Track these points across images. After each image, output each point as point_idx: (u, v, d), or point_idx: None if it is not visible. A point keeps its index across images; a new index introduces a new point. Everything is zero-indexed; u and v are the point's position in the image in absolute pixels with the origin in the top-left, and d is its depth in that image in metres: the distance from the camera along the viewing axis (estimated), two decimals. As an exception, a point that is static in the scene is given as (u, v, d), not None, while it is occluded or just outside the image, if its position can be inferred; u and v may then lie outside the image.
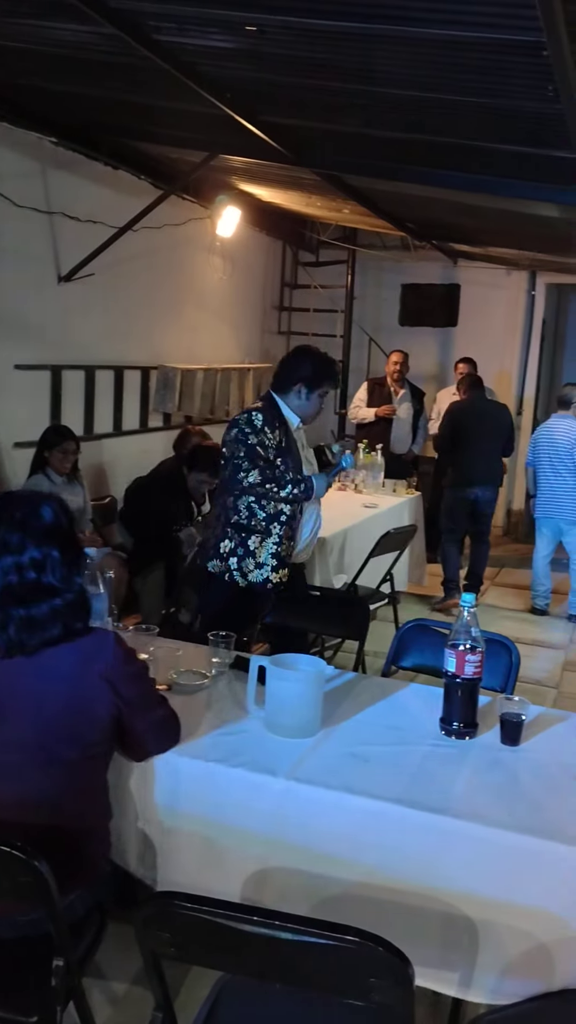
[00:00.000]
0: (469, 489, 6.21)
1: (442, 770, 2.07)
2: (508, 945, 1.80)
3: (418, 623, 2.93)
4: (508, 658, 2.69)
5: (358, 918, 1.82)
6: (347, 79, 3.56)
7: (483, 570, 6.45)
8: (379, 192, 5.79)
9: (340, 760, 2.07)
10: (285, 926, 1.35)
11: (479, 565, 6.38)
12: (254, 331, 8.42)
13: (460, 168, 4.58)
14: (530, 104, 3.26)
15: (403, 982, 1.33)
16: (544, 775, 2.07)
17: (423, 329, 8.99)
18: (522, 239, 7.06)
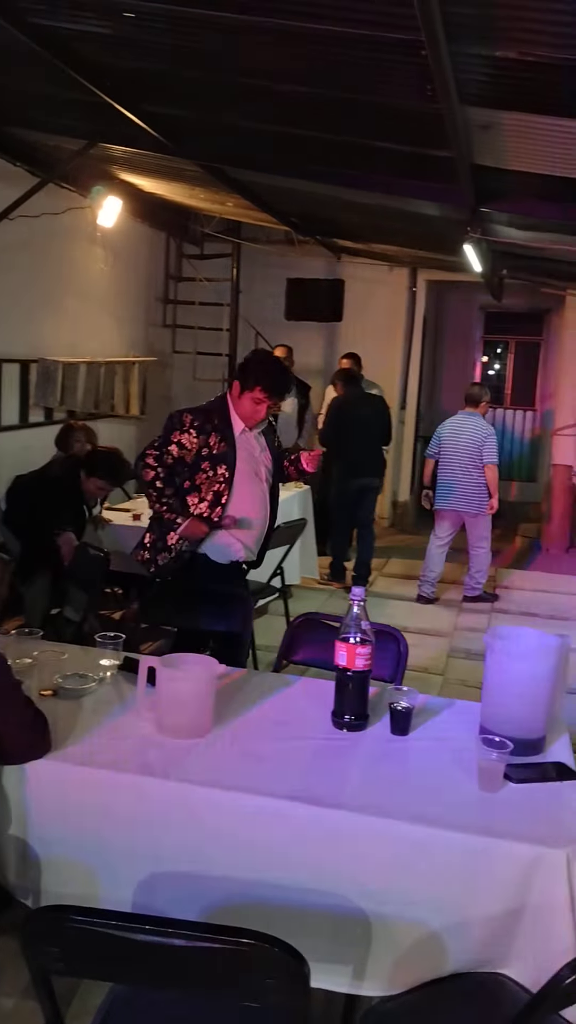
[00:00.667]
0: (354, 480, 6.46)
1: (334, 764, 2.08)
2: (400, 935, 1.82)
3: (309, 617, 2.94)
4: (396, 648, 2.74)
5: (252, 919, 1.81)
6: (227, 71, 3.53)
7: (371, 559, 6.63)
8: (262, 186, 5.79)
9: (232, 759, 2.05)
10: (178, 933, 1.32)
11: (367, 554, 6.58)
12: (139, 324, 8.28)
13: (342, 165, 4.62)
14: (410, 103, 3.31)
15: (299, 981, 1.32)
16: (433, 763, 2.10)
17: (309, 324, 9.06)
18: (403, 237, 7.19)
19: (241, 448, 3.37)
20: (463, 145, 3.54)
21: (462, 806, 1.92)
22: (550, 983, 1.38)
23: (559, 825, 1.87)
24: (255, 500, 3.43)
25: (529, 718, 2.14)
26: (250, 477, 3.40)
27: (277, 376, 3.37)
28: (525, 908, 1.78)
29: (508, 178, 4.17)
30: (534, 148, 3.62)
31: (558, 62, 2.61)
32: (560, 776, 2.06)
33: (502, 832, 1.82)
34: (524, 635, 2.31)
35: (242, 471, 3.36)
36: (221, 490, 3.32)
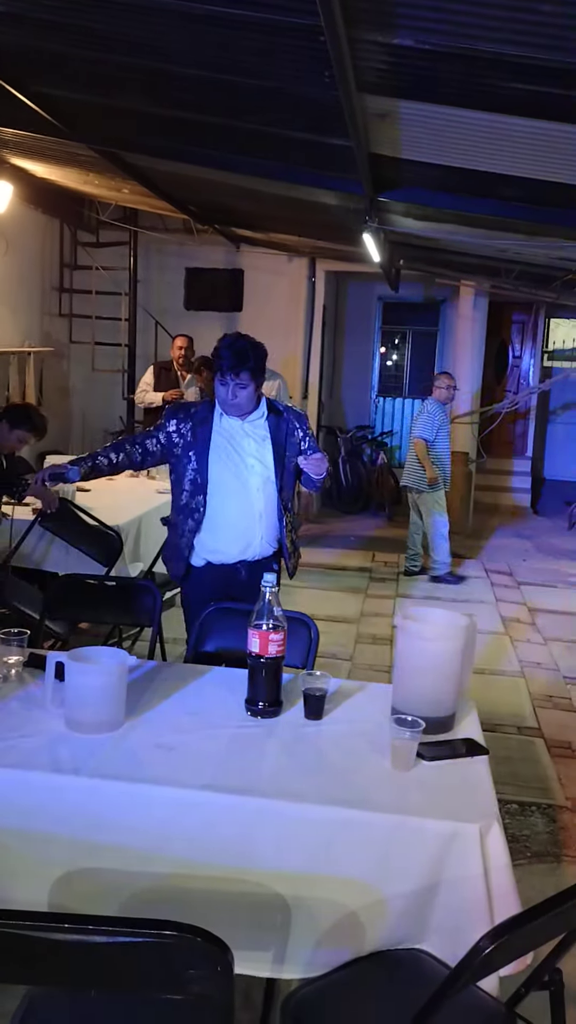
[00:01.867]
0: None
1: (249, 751, 2.07)
2: (319, 917, 1.83)
3: (218, 606, 2.91)
4: (308, 634, 2.74)
5: (171, 911, 1.79)
6: (121, 52, 3.45)
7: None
8: (159, 172, 5.70)
9: (145, 752, 2.01)
10: (99, 929, 1.28)
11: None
12: (33, 313, 8.06)
13: (240, 152, 4.59)
14: (308, 90, 3.31)
15: (223, 970, 1.31)
16: (347, 746, 2.12)
17: (209, 313, 9.00)
18: (302, 226, 7.21)
19: (219, 436, 3.13)
20: (361, 134, 3.56)
21: (376, 786, 1.94)
22: (469, 955, 1.40)
23: (471, 800, 1.91)
24: (234, 492, 3.11)
25: (440, 697, 2.18)
26: (228, 467, 3.11)
27: (220, 351, 3.07)
28: (441, 883, 1.81)
29: (405, 168, 4.23)
30: (431, 138, 3.67)
31: (455, 51, 2.65)
32: (470, 752, 2.10)
33: (416, 810, 1.85)
34: (434, 616, 2.35)
35: (219, 460, 3.11)
36: (195, 478, 3.11)
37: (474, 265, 7.76)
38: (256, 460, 3.15)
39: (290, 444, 3.20)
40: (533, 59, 2.64)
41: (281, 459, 3.18)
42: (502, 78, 2.88)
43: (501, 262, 7.33)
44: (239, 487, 3.12)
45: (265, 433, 3.19)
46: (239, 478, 3.13)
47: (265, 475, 3.15)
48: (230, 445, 3.14)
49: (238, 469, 3.13)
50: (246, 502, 3.13)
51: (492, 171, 4.00)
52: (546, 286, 7.99)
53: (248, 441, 3.16)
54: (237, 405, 3.10)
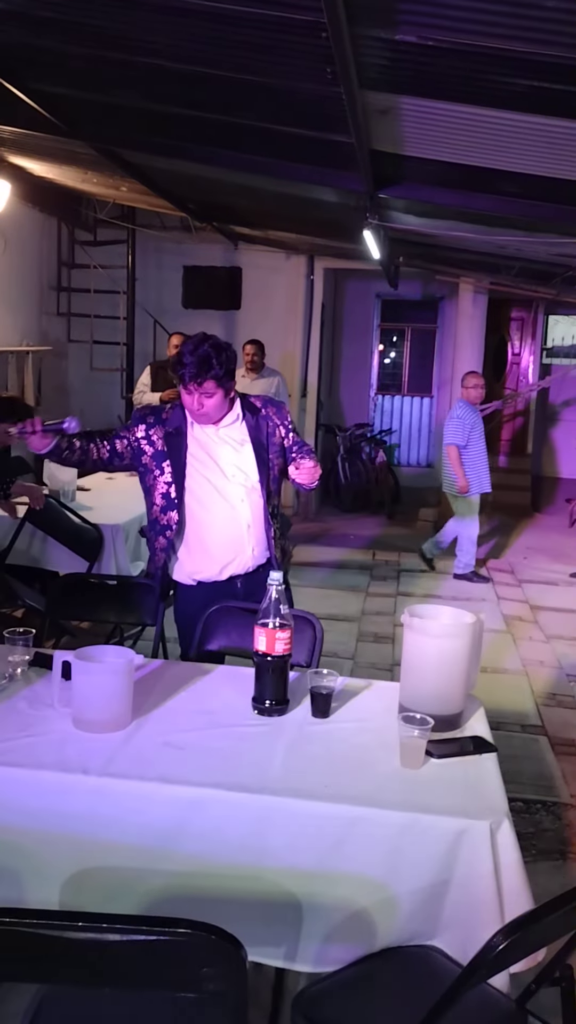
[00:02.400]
0: None
1: (257, 749, 2.07)
2: (330, 914, 1.83)
3: (223, 605, 2.91)
4: (312, 633, 2.74)
5: (180, 909, 1.78)
6: (120, 49, 3.44)
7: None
8: (158, 170, 5.69)
9: (154, 751, 2.01)
10: (113, 927, 1.28)
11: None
12: (31, 312, 8.04)
13: (239, 148, 4.58)
14: (309, 86, 3.30)
15: (237, 967, 1.31)
16: (355, 743, 2.12)
17: (207, 312, 8.99)
18: (301, 223, 7.20)
19: (194, 446, 2.92)
20: (362, 130, 3.56)
21: (386, 784, 1.93)
22: (482, 951, 1.40)
23: (480, 797, 1.91)
24: (216, 506, 2.91)
25: (447, 694, 2.18)
26: (206, 480, 2.91)
27: (182, 358, 2.82)
28: (451, 880, 1.81)
29: (405, 164, 4.23)
30: (431, 134, 3.67)
31: (457, 47, 2.65)
32: (478, 750, 2.10)
33: (426, 807, 1.85)
34: (441, 614, 2.35)
35: (195, 473, 2.90)
36: (168, 492, 2.91)
37: (474, 262, 7.76)
38: (237, 468, 2.91)
39: (272, 444, 2.96)
40: (535, 55, 2.64)
41: (264, 463, 2.93)
42: (504, 74, 2.87)
43: (501, 259, 7.32)
44: (220, 500, 2.89)
45: (243, 436, 2.93)
46: (220, 491, 2.89)
47: (248, 484, 2.91)
48: (207, 455, 2.90)
49: (218, 481, 2.89)
50: (231, 515, 2.90)
51: (492, 167, 4.00)
52: (546, 283, 7.99)
53: (225, 449, 2.91)
54: (205, 415, 2.86)
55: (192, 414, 2.89)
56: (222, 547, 2.93)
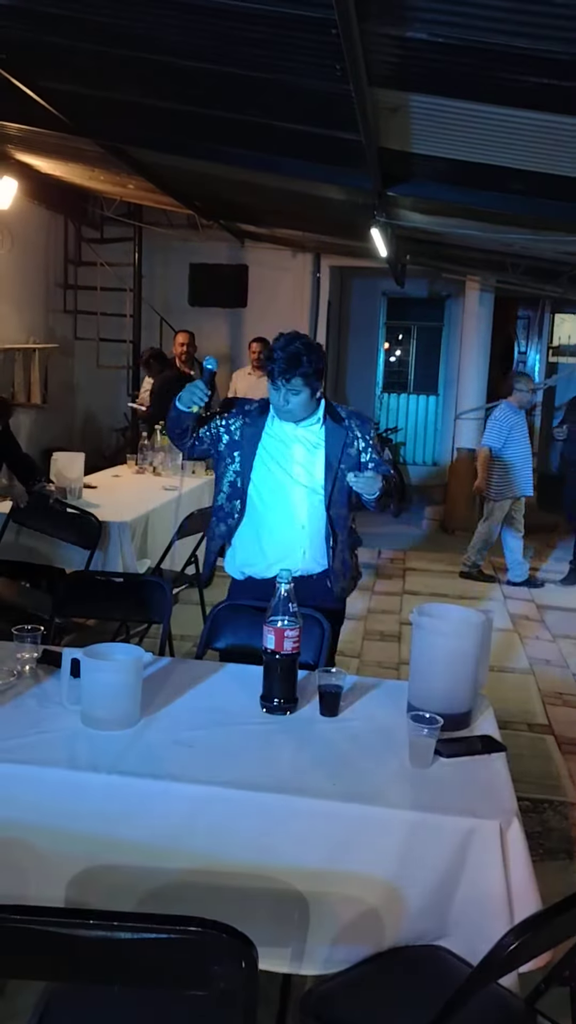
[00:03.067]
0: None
1: (266, 748, 2.06)
2: (338, 914, 1.83)
3: (230, 603, 2.91)
4: (320, 632, 2.73)
5: (188, 907, 1.78)
6: (127, 45, 3.44)
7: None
8: (164, 167, 5.69)
9: (163, 748, 2.01)
10: (123, 925, 1.28)
11: None
12: (38, 310, 8.05)
13: (246, 145, 4.58)
14: (317, 83, 3.29)
15: (247, 965, 1.30)
16: (363, 742, 2.11)
17: (214, 309, 9.00)
18: (307, 221, 7.20)
19: (269, 439, 2.89)
20: (371, 128, 3.55)
21: (395, 783, 1.93)
22: (493, 951, 1.40)
23: (490, 797, 1.90)
24: (275, 501, 2.88)
25: (456, 693, 2.17)
26: (271, 474, 2.88)
27: (273, 353, 2.79)
28: (460, 880, 1.80)
29: (413, 161, 4.22)
30: (440, 131, 3.66)
31: (467, 44, 2.64)
32: (487, 749, 2.10)
33: (435, 806, 1.85)
34: (449, 612, 2.34)
35: (263, 466, 2.88)
36: (236, 481, 2.92)
37: (480, 260, 7.74)
38: (302, 469, 2.87)
39: (346, 456, 2.87)
40: (544, 52, 2.63)
41: (333, 472, 2.86)
42: (513, 71, 2.87)
43: (507, 256, 7.31)
44: (280, 497, 2.87)
45: (318, 440, 2.88)
46: (281, 487, 2.87)
47: (310, 486, 2.86)
48: (278, 450, 2.89)
49: (281, 477, 2.87)
50: (287, 513, 2.87)
51: (500, 164, 3.99)
52: (552, 281, 7.97)
53: (298, 447, 2.88)
54: (290, 412, 2.82)
55: (277, 410, 2.86)
56: (273, 544, 2.90)
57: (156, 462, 5.90)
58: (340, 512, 2.92)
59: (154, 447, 5.99)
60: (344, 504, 2.92)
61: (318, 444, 2.89)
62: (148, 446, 5.99)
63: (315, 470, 2.87)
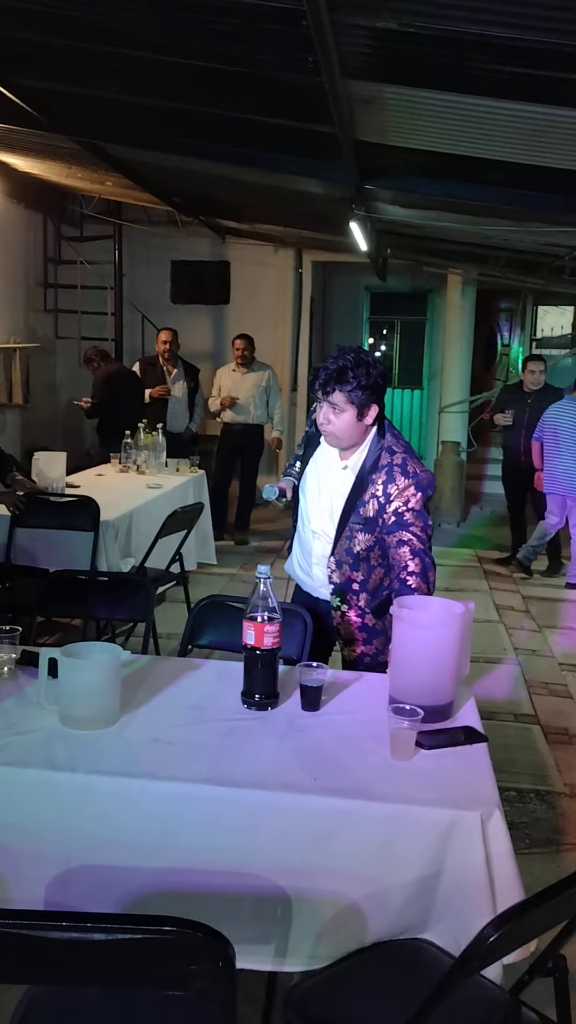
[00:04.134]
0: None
1: (247, 744, 2.05)
2: (321, 909, 1.81)
3: (212, 600, 2.89)
4: (302, 626, 2.72)
5: (171, 906, 1.78)
6: (100, 40, 3.41)
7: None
8: (143, 164, 5.66)
9: (142, 747, 1.99)
10: (98, 927, 1.26)
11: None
12: (18, 309, 8.00)
13: (224, 141, 4.56)
14: (291, 75, 3.27)
15: (225, 965, 1.29)
16: (345, 736, 2.10)
17: (196, 307, 8.96)
18: (287, 216, 7.18)
19: (320, 454, 2.75)
20: (346, 120, 3.54)
21: (376, 776, 1.92)
22: (474, 943, 1.39)
23: (471, 788, 1.89)
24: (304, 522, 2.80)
25: (437, 685, 2.16)
26: (309, 492, 2.77)
27: (322, 362, 2.59)
28: (442, 872, 1.80)
29: (391, 154, 4.20)
30: (416, 123, 3.65)
31: (439, 34, 2.62)
32: (469, 740, 2.09)
33: (417, 799, 1.83)
34: (430, 603, 2.34)
35: (307, 481, 2.78)
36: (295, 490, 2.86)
37: (461, 253, 7.74)
38: (328, 500, 2.67)
39: (355, 514, 2.60)
40: (518, 41, 2.62)
41: (343, 524, 2.62)
42: (486, 61, 2.86)
43: (488, 249, 7.31)
44: (307, 525, 2.77)
45: (349, 479, 2.62)
46: (307, 517, 2.76)
47: (321, 524, 2.70)
48: (316, 477, 2.72)
49: (309, 507, 2.74)
50: (307, 538, 2.78)
51: (478, 156, 3.99)
52: (534, 273, 7.98)
53: (329, 481, 2.68)
54: (332, 433, 2.55)
55: (321, 429, 2.61)
56: (307, 564, 2.84)
57: (140, 460, 5.87)
58: (353, 570, 2.65)
59: (138, 445, 5.96)
60: (356, 564, 2.64)
61: (348, 485, 2.62)
62: (131, 445, 5.96)
63: (335, 508, 2.65)
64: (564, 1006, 1.71)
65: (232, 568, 6.59)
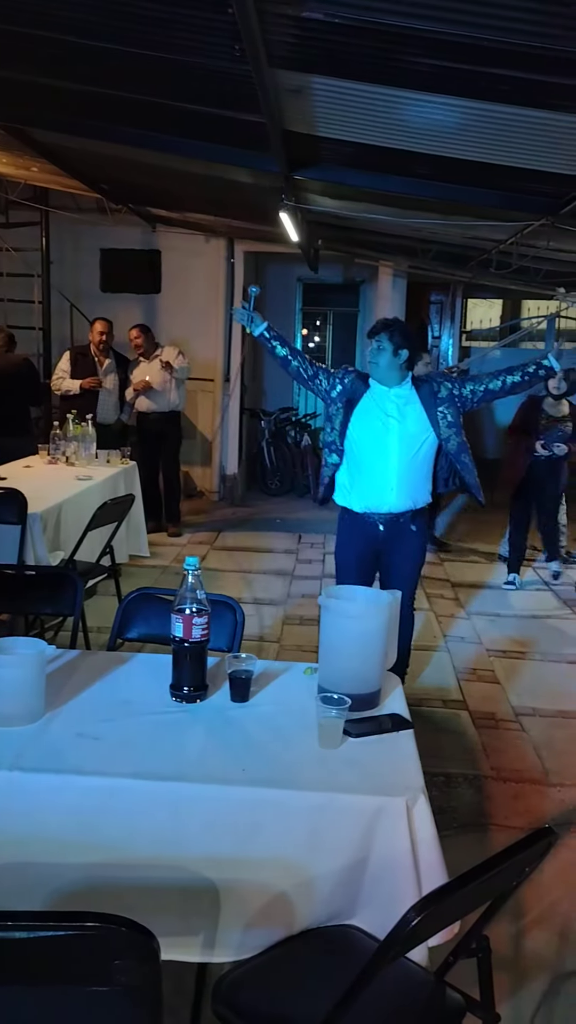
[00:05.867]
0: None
1: (175, 737, 2.04)
2: (249, 899, 1.82)
3: (142, 592, 2.87)
4: (233, 617, 2.72)
5: (99, 901, 1.76)
6: (19, 22, 3.33)
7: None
8: (70, 150, 5.55)
9: (68, 742, 1.97)
10: (18, 925, 1.25)
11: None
12: (-58, 297, 7.79)
13: (151, 127, 4.50)
14: (218, 63, 3.25)
15: (149, 959, 1.28)
16: (274, 726, 2.11)
17: (126, 295, 8.84)
18: (218, 205, 7.13)
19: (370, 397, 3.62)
20: (274, 110, 3.53)
21: (304, 765, 1.93)
22: (397, 927, 1.41)
23: (398, 774, 1.92)
24: (375, 446, 3.58)
25: (365, 674, 2.19)
26: (371, 423, 3.58)
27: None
28: (369, 858, 1.82)
29: (320, 145, 4.21)
30: (344, 114, 3.66)
31: (365, 25, 2.63)
32: (396, 727, 2.11)
33: (344, 786, 1.85)
34: (356, 593, 2.36)
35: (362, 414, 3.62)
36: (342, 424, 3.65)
37: (392, 245, 7.80)
38: (395, 421, 3.60)
39: (439, 400, 3.61)
40: (441, 34, 2.64)
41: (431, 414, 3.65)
42: (412, 53, 2.88)
43: (418, 242, 7.38)
44: (375, 442, 3.62)
45: (411, 396, 3.61)
46: (377, 435, 3.61)
47: (402, 434, 3.59)
48: (376, 404, 3.62)
49: (377, 426, 3.62)
50: (380, 456, 3.64)
51: (406, 149, 4.01)
52: (462, 266, 8.08)
53: (391, 404, 3.60)
54: (377, 366, 3.58)
55: (370, 366, 3.61)
56: (365, 482, 3.70)
57: (69, 452, 5.79)
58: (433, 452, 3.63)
59: (67, 436, 5.87)
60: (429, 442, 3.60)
61: (411, 400, 3.57)
62: (60, 436, 5.87)
63: (408, 421, 3.55)
64: (487, 985, 1.75)
65: (165, 560, 6.55)
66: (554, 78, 2.86)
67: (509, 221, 5.05)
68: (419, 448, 3.57)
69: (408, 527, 3.68)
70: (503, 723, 4.03)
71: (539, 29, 2.50)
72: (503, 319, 11.77)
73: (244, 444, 9.79)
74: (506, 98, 3.11)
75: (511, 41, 2.60)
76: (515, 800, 3.34)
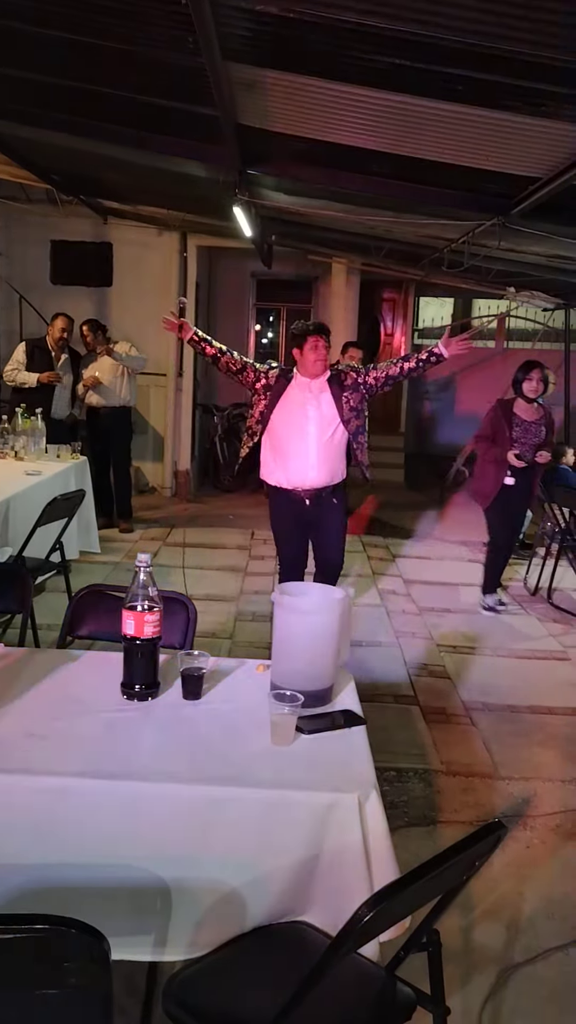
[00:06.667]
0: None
1: (125, 735, 2.02)
2: (200, 898, 1.81)
3: (92, 589, 2.83)
4: (185, 614, 2.70)
5: (47, 903, 1.74)
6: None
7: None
8: (19, 139, 5.45)
9: (15, 741, 1.93)
10: (-34, 930, 1.22)
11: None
12: None
13: (103, 118, 4.45)
14: (171, 55, 3.22)
15: (99, 959, 1.27)
16: (226, 724, 2.10)
17: (77, 288, 8.74)
18: (171, 198, 7.08)
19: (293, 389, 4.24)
20: (227, 103, 3.51)
21: (256, 763, 1.93)
22: (348, 923, 1.41)
23: (350, 770, 1.92)
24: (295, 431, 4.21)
25: (317, 670, 2.19)
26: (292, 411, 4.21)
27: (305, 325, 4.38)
28: (321, 855, 1.82)
29: (274, 140, 4.20)
30: (298, 110, 3.65)
31: (319, 20, 2.63)
32: (348, 723, 2.12)
33: (295, 783, 1.85)
34: (309, 590, 2.36)
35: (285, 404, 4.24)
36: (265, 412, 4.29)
37: (345, 242, 7.82)
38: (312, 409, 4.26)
39: (345, 387, 4.28)
40: (397, 31, 2.65)
41: (338, 400, 4.28)
42: (366, 50, 2.88)
43: (371, 239, 7.41)
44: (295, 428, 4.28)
45: (324, 386, 4.28)
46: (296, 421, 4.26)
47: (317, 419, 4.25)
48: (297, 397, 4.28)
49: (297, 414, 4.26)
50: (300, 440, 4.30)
51: (359, 146, 4.02)
52: (415, 264, 8.14)
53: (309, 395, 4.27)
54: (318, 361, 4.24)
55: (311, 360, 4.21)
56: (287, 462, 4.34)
57: (18, 446, 5.69)
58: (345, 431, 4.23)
59: (15, 431, 5.78)
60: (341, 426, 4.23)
61: (325, 389, 4.20)
62: (9, 430, 5.77)
63: (323, 407, 4.19)
64: (438, 979, 1.77)
65: (116, 557, 6.49)
66: (508, 79, 2.89)
67: (461, 220, 5.10)
68: (332, 431, 4.20)
69: (330, 500, 4.34)
70: (454, 717, 4.07)
71: (494, 30, 2.52)
72: (454, 317, 11.89)
73: (197, 440, 9.75)
74: (460, 97, 3.13)
75: (467, 41, 2.62)
76: (465, 794, 3.38)
